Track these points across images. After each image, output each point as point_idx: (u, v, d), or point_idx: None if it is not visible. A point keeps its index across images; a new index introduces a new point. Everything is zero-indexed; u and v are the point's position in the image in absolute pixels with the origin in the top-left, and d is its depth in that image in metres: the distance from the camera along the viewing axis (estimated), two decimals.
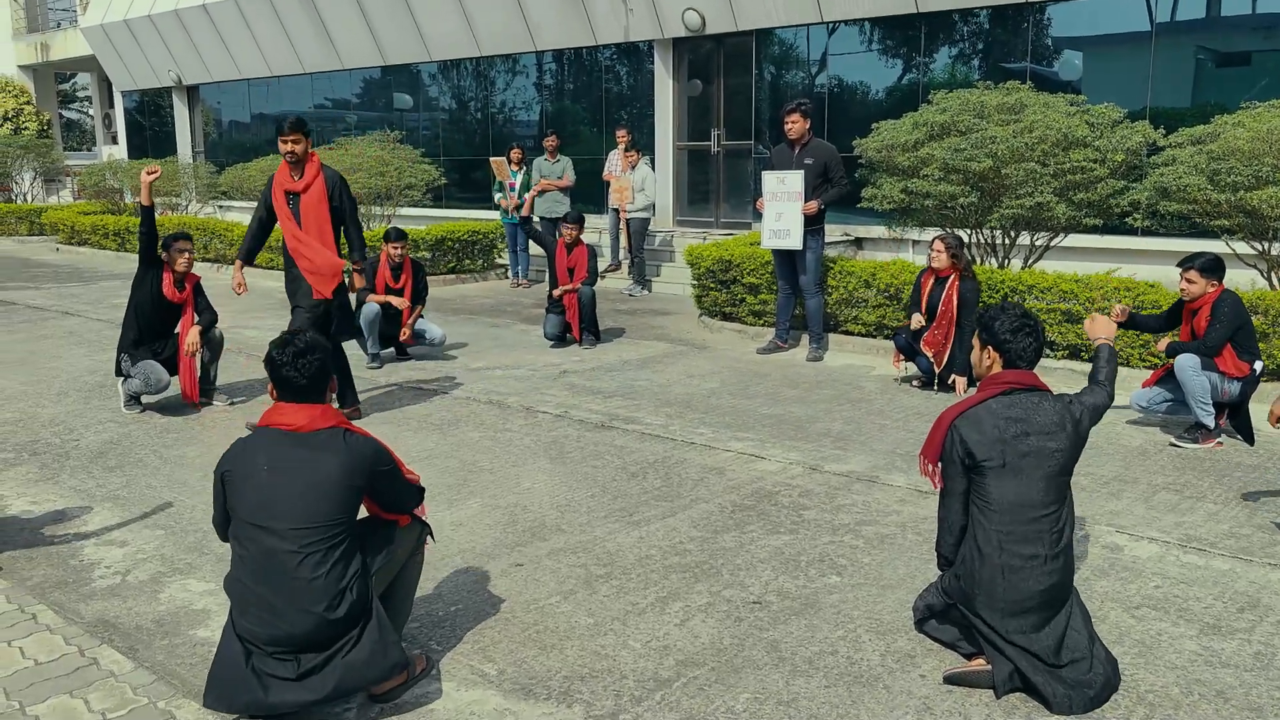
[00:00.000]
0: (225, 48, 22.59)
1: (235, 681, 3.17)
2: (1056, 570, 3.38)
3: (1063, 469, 3.43)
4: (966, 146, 8.67)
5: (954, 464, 3.47)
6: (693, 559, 4.53)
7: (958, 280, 7.42)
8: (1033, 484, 3.38)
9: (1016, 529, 3.37)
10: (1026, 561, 3.36)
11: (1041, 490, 3.39)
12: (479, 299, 12.61)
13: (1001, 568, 3.37)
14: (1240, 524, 4.88)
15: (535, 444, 6.30)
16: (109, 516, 5.15)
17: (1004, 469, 3.38)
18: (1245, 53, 11.28)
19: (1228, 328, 6.08)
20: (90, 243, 18.82)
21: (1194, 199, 8.06)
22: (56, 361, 8.93)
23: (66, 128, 45.36)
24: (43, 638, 3.83)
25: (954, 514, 3.53)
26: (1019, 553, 3.36)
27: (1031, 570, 3.36)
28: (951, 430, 3.48)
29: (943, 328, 7.45)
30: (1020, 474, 3.38)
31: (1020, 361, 3.52)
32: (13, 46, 31.79)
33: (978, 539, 3.43)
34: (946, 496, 3.56)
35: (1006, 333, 3.51)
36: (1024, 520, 3.37)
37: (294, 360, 3.31)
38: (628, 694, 3.43)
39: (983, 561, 3.41)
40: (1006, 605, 3.38)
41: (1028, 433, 3.41)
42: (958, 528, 3.53)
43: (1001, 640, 3.39)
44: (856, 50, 13.90)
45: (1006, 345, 3.52)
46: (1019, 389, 3.49)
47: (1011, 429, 3.41)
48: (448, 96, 19.34)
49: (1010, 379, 3.50)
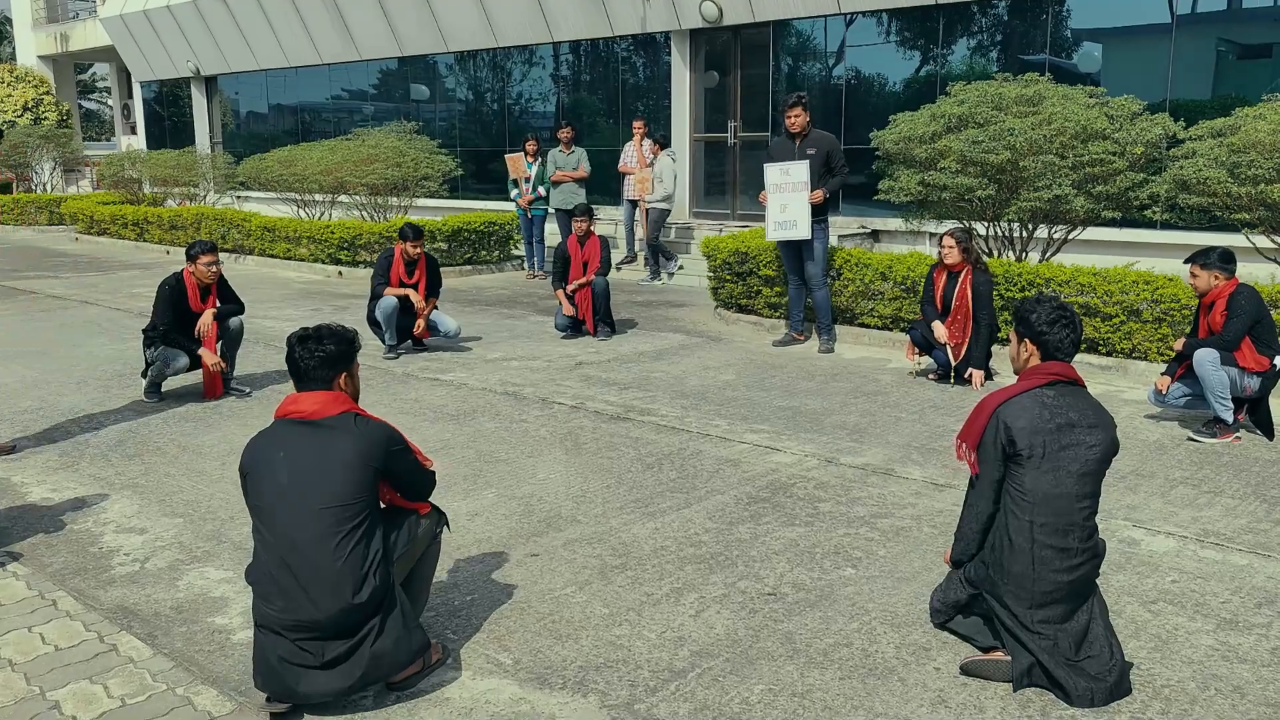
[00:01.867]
0: (243, 39, 22.66)
1: (268, 672, 3.21)
2: (1085, 563, 3.38)
3: (1099, 463, 3.41)
4: (984, 139, 8.63)
5: (994, 451, 3.44)
6: (708, 550, 4.54)
7: (970, 274, 7.39)
8: (1069, 477, 3.36)
9: (1050, 521, 3.36)
10: (1058, 554, 3.35)
11: (1076, 484, 3.37)
12: (495, 290, 12.63)
13: (1033, 559, 3.36)
14: (1258, 519, 4.85)
15: (551, 435, 6.32)
16: (128, 504, 5.19)
17: (1043, 460, 3.36)
18: (1267, 44, 11.18)
19: (1244, 320, 6.03)
20: (109, 232, 18.94)
21: (1214, 192, 7.99)
22: (76, 350, 8.99)
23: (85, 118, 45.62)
24: (63, 624, 3.87)
25: (985, 502, 3.50)
26: (1051, 544, 3.35)
27: (1062, 562, 3.35)
28: (995, 417, 3.44)
29: (959, 322, 7.42)
30: (1058, 467, 3.36)
31: (1059, 354, 3.48)
32: (32, 37, 31.95)
33: (1009, 529, 3.41)
34: (980, 483, 3.53)
35: (1044, 324, 3.46)
36: (1058, 512, 3.36)
37: (301, 344, 3.35)
38: (643, 684, 3.44)
39: (1013, 551, 3.39)
40: (1035, 596, 3.37)
41: (1070, 425, 3.38)
42: (986, 516, 3.51)
43: (1026, 632, 3.38)
44: (874, 42, 13.84)
45: (1044, 337, 3.47)
46: (1061, 381, 3.46)
47: (1054, 420, 3.38)
48: (464, 88, 19.35)
49: (1053, 370, 3.46)
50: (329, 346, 3.36)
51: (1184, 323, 7.39)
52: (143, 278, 13.95)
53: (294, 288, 12.99)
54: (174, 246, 16.93)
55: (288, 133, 22.98)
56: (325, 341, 3.36)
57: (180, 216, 17.01)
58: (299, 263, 14.62)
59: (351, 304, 11.45)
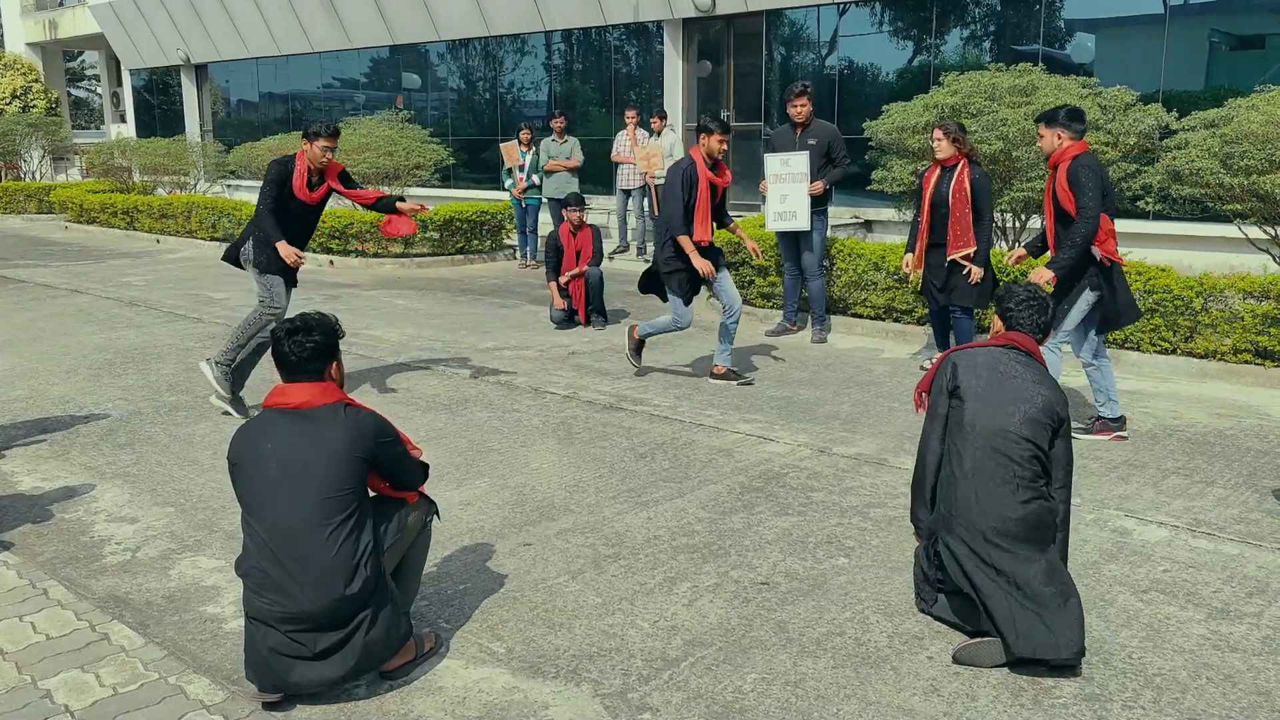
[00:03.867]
0: (234, 26, 22.54)
1: (259, 665, 3.19)
2: (1032, 500, 3.46)
3: (1043, 414, 3.52)
4: (978, 129, 8.63)
5: (941, 392, 3.73)
6: (701, 540, 4.54)
7: (967, 167, 6.87)
8: (1010, 417, 3.52)
9: (991, 451, 3.50)
10: (1001, 485, 3.47)
11: (1018, 426, 3.51)
12: (487, 279, 12.60)
13: (975, 489, 3.50)
14: (1250, 509, 4.87)
15: (544, 424, 6.31)
16: (119, 493, 5.17)
17: (983, 394, 3.58)
18: (1260, 36, 11.20)
19: (1095, 189, 5.51)
20: (99, 221, 18.84)
21: (1206, 183, 8.01)
22: (66, 339, 8.95)
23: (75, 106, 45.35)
24: (54, 613, 3.85)
25: (933, 440, 3.72)
26: (994, 475, 3.48)
27: (1007, 495, 3.46)
28: (945, 361, 3.78)
29: (959, 219, 6.84)
30: (1000, 402, 3.55)
31: (1020, 327, 3.78)
32: (21, 24, 31.76)
33: (953, 462, 3.60)
34: (928, 423, 3.77)
35: (1011, 303, 3.82)
36: (997, 446, 3.50)
37: (288, 337, 3.32)
38: (636, 673, 3.44)
39: (957, 481, 3.55)
40: (984, 531, 3.45)
41: (1013, 375, 3.62)
42: (935, 458, 3.70)
43: (976, 560, 3.47)
44: (867, 31, 13.82)
45: (1009, 314, 3.82)
46: (1017, 348, 3.73)
47: (999, 368, 3.64)
48: (457, 76, 19.29)
49: (1011, 337, 3.77)
50: (317, 338, 3.33)
51: (1176, 314, 7.42)
52: (133, 266, 13.89)
53: None
54: (164, 235, 16.87)
55: (279, 121, 22.88)
56: (314, 333, 3.33)
57: (170, 205, 16.92)
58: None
59: (343, 292, 11.42)
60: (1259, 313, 7.11)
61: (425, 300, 10.99)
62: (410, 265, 13.55)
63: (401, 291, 11.60)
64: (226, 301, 10.90)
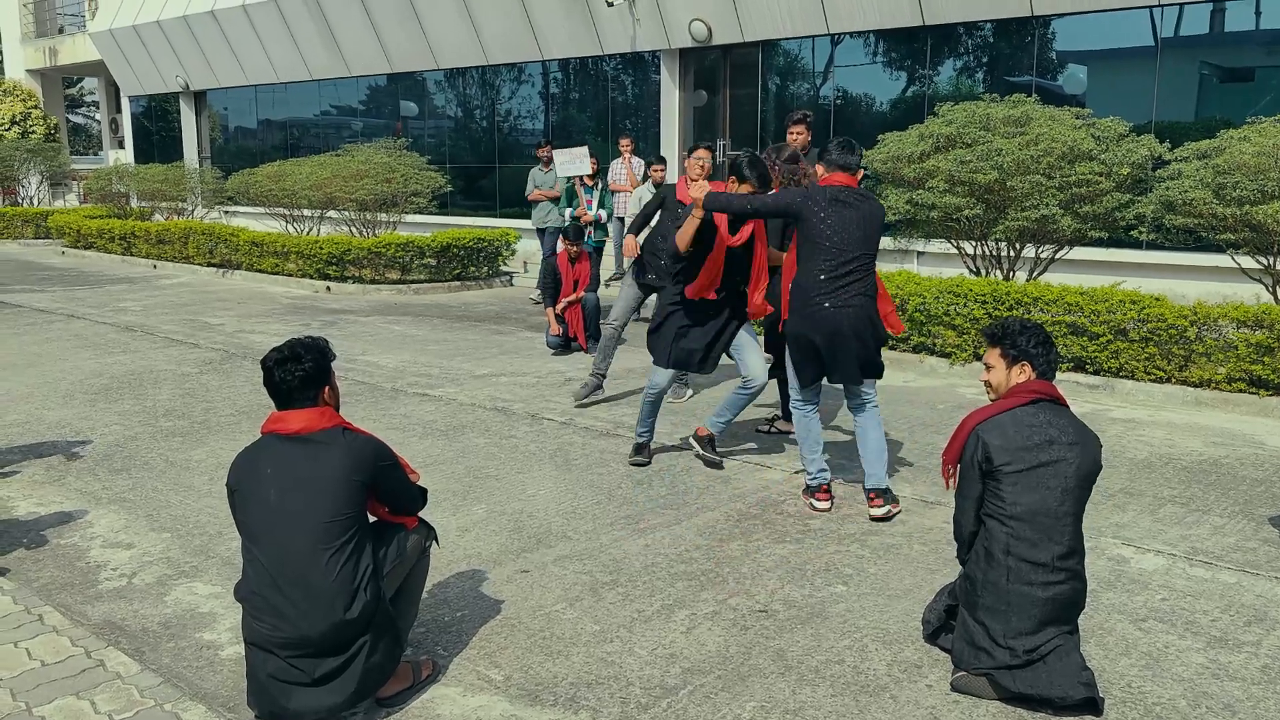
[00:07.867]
0: (233, 54, 22.67)
1: (258, 690, 3.18)
2: (1063, 582, 3.37)
3: (1080, 481, 3.42)
4: (972, 159, 8.69)
5: (971, 469, 3.48)
6: (699, 567, 4.53)
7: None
8: (1051, 494, 3.38)
9: (1029, 535, 3.37)
10: (1034, 569, 3.36)
11: (1059, 500, 3.39)
12: (484, 306, 12.62)
13: (1008, 571, 3.37)
14: (1246, 537, 4.88)
15: (541, 450, 6.31)
16: (115, 519, 5.15)
17: (1022, 475, 3.38)
18: (1249, 68, 11.32)
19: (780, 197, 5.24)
20: (96, 246, 18.86)
21: (1199, 213, 8.06)
22: (63, 364, 8.94)
23: (73, 132, 45.51)
24: (49, 639, 3.83)
25: (967, 518, 3.54)
26: (1027, 559, 3.36)
27: (1038, 577, 3.35)
28: (974, 435, 3.49)
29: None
30: (1040, 483, 3.38)
31: (1050, 373, 3.55)
32: (21, 50, 31.90)
33: (987, 543, 3.44)
34: (960, 500, 3.56)
35: (1036, 346, 3.54)
36: (1038, 528, 3.37)
37: (278, 366, 3.28)
38: (634, 701, 3.43)
39: (990, 564, 3.41)
40: (1010, 613, 3.37)
41: (1050, 441, 3.41)
42: (968, 533, 3.54)
43: (994, 645, 3.39)
44: (862, 62, 13.94)
45: (1039, 358, 3.54)
46: (1044, 399, 3.50)
47: (1034, 438, 3.42)
48: (454, 104, 19.40)
49: (1036, 389, 3.50)
50: (307, 365, 3.28)
51: (1171, 342, 7.45)
52: (130, 291, 13.90)
53: (282, 303, 12.95)
54: (161, 260, 16.89)
55: (276, 148, 22.97)
56: (304, 360, 3.28)
57: (168, 231, 16.95)
58: (287, 278, 14.58)
59: (339, 319, 11.44)
60: (1253, 341, 7.14)
61: (422, 326, 11.00)
62: (407, 291, 13.58)
63: (398, 317, 11.62)
64: (223, 327, 10.90)
